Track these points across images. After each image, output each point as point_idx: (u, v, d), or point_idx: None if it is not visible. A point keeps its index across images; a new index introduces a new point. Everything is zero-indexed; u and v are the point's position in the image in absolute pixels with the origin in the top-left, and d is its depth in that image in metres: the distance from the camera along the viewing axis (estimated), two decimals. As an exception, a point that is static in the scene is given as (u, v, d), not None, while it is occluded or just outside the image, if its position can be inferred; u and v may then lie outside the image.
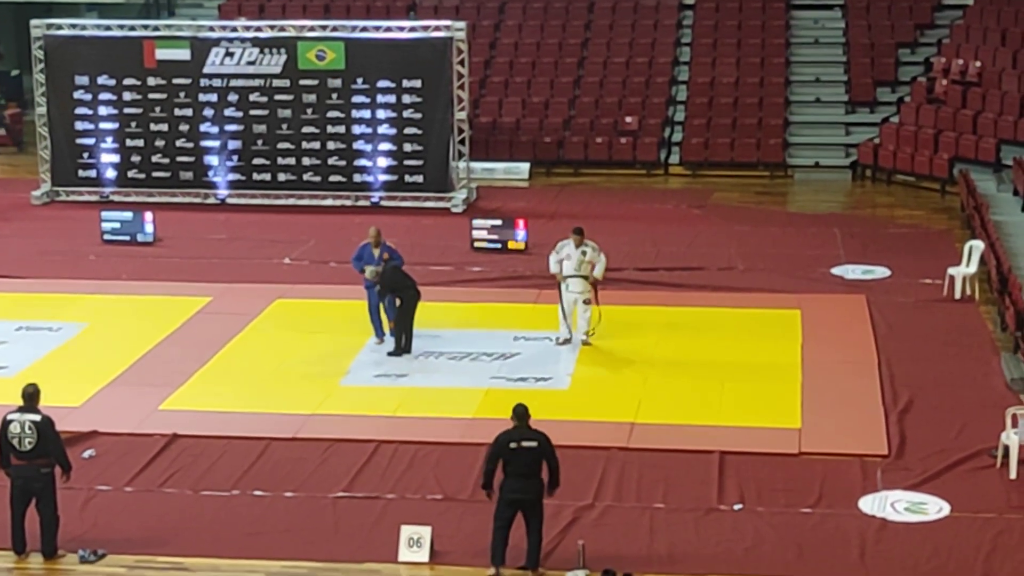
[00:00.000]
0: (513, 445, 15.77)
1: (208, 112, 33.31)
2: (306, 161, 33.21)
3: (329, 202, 33.13)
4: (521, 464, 15.75)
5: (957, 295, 25.44)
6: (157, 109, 33.43)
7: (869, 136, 36.65)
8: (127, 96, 33.47)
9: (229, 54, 33.11)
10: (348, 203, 33.07)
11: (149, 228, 29.79)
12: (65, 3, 44.33)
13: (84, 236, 30.00)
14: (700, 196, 34.26)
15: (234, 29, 33.67)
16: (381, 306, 23.15)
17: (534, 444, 15.78)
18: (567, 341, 23.17)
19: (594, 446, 19.09)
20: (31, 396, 16.36)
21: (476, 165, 34.80)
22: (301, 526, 17.07)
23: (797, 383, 21.49)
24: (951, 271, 25.75)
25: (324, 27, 33.60)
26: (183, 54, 33.23)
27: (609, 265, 23.61)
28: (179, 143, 33.48)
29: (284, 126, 33.17)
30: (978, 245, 26.06)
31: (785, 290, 26.11)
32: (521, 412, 15.98)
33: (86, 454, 18.90)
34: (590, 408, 20.63)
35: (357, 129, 33.02)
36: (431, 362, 22.61)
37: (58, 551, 16.32)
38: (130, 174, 33.67)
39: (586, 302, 22.99)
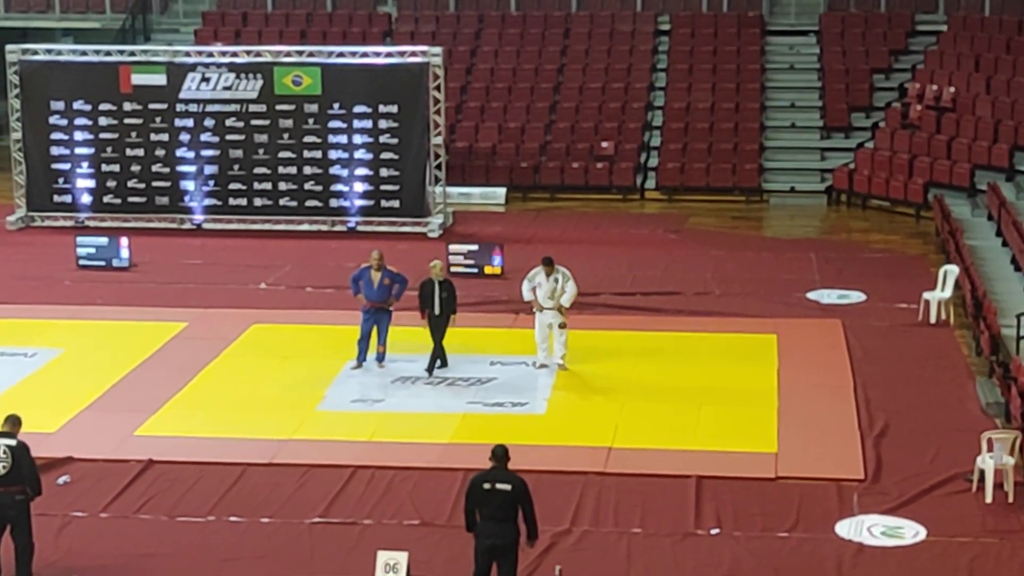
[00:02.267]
0: (487, 486, 15.13)
1: (184, 137, 33.30)
2: (282, 186, 33.21)
3: (305, 227, 33.12)
4: (494, 507, 15.11)
5: (932, 319, 25.52)
6: (133, 134, 33.41)
7: (844, 161, 36.79)
8: (103, 121, 33.44)
9: (205, 79, 33.10)
10: (324, 228, 33.07)
11: (124, 253, 29.73)
12: (40, 28, 44.32)
13: (59, 261, 29.93)
14: (676, 221, 34.34)
15: (210, 54, 33.68)
16: (373, 332, 23.12)
17: (507, 488, 15.09)
18: (544, 366, 23.17)
19: (571, 471, 19.06)
20: (13, 423, 16.25)
21: (452, 190, 34.83)
22: (277, 552, 17.02)
23: (773, 407, 21.51)
24: (926, 295, 25.83)
25: (300, 52, 33.63)
26: (159, 79, 33.22)
27: (586, 289, 23.64)
28: (155, 168, 33.45)
29: (260, 151, 33.17)
30: (953, 270, 26.14)
31: (761, 315, 26.17)
32: (500, 454, 15.23)
33: (61, 480, 18.81)
34: (567, 433, 20.62)
35: (333, 154, 33.04)
36: (407, 387, 22.59)
37: (33, 578, 16.24)
38: (106, 199, 33.61)
39: (561, 326, 23.00)
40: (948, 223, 30.38)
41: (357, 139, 32.94)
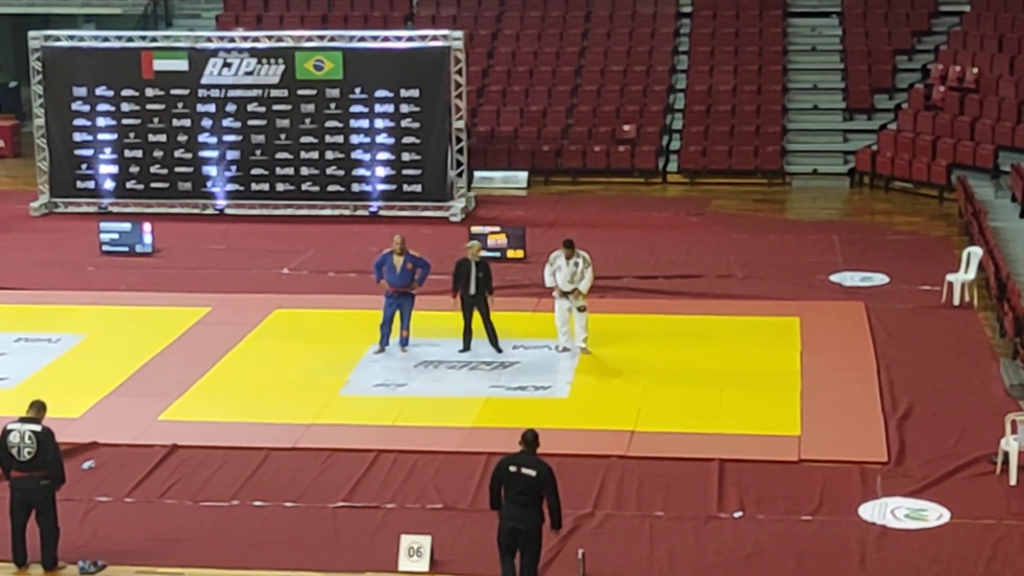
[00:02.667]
0: (512, 469, 15.23)
1: (206, 123, 33.35)
2: (304, 171, 33.25)
3: (328, 212, 33.16)
4: (518, 491, 15.20)
5: (956, 302, 25.45)
6: (155, 120, 33.48)
7: (867, 143, 36.70)
8: (125, 107, 33.51)
9: (227, 64, 33.14)
10: (347, 213, 33.10)
11: (148, 239, 29.81)
12: (63, 15, 44.42)
13: (83, 247, 30.01)
14: (698, 204, 34.29)
15: (232, 40, 33.70)
16: (396, 316, 23.20)
17: (532, 473, 15.16)
18: (566, 349, 23.18)
19: (594, 454, 19.07)
20: (38, 409, 16.35)
21: (475, 174, 34.81)
22: (301, 536, 17.06)
23: (796, 390, 21.48)
24: (949, 277, 25.76)
25: (322, 37, 33.64)
26: (181, 65, 33.26)
27: (608, 273, 23.65)
28: (177, 154, 33.51)
29: (282, 136, 33.20)
30: (976, 251, 26.07)
31: (784, 297, 26.12)
32: (530, 439, 15.33)
33: (86, 465, 18.89)
34: (589, 416, 20.62)
35: (355, 139, 33.06)
36: (430, 371, 22.61)
37: (58, 563, 16.30)
38: (128, 185, 33.70)
39: (580, 309, 22.99)
40: (971, 204, 30.29)
41: (379, 123, 32.95)
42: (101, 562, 16.37)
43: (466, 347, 23.20)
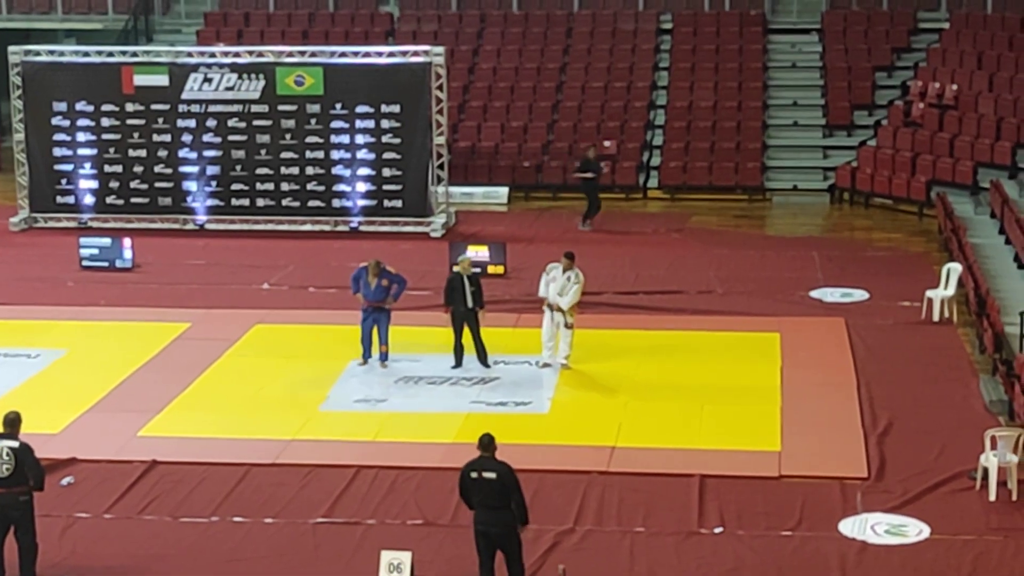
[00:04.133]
0: (474, 475, 15.49)
1: (187, 138, 33.31)
2: (285, 186, 33.22)
3: (308, 227, 33.14)
4: (483, 495, 15.45)
5: (935, 317, 25.51)
6: (135, 135, 33.43)
7: (847, 159, 36.79)
8: (105, 122, 33.46)
9: (207, 80, 33.11)
10: (327, 228, 33.08)
11: (128, 254, 29.74)
12: (43, 29, 44.34)
13: (62, 262, 29.94)
14: (679, 220, 34.34)
15: (212, 55, 33.69)
16: (374, 331, 23.22)
17: (493, 475, 15.38)
18: (547, 365, 23.18)
19: (574, 470, 19.06)
20: (11, 423, 16.27)
21: (455, 190, 34.85)
22: (281, 552, 17.02)
23: (777, 406, 21.51)
24: (929, 293, 25.83)
25: (303, 52, 33.63)
26: (161, 80, 33.24)
27: (589, 288, 23.65)
28: (158, 169, 33.47)
29: (263, 151, 33.18)
30: (956, 267, 26.13)
31: (764, 313, 26.16)
32: (486, 442, 15.61)
33: (65, 481, 18.82)
34: (570, 432, 20.62)
35: (336, 154, 33.05)
36: (411, 387, 22.59)
37: (37, 579, 16.25)
38: (108, 200, 33.64)
39: (567, 326, 23.01)
40: (951, 221, 30.37)
41: (359, 139, 32.95)
42: (80, 578, 16.33)
43: (458, 363, 23.16)
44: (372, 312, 23.23)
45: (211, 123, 33.20)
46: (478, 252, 28.29)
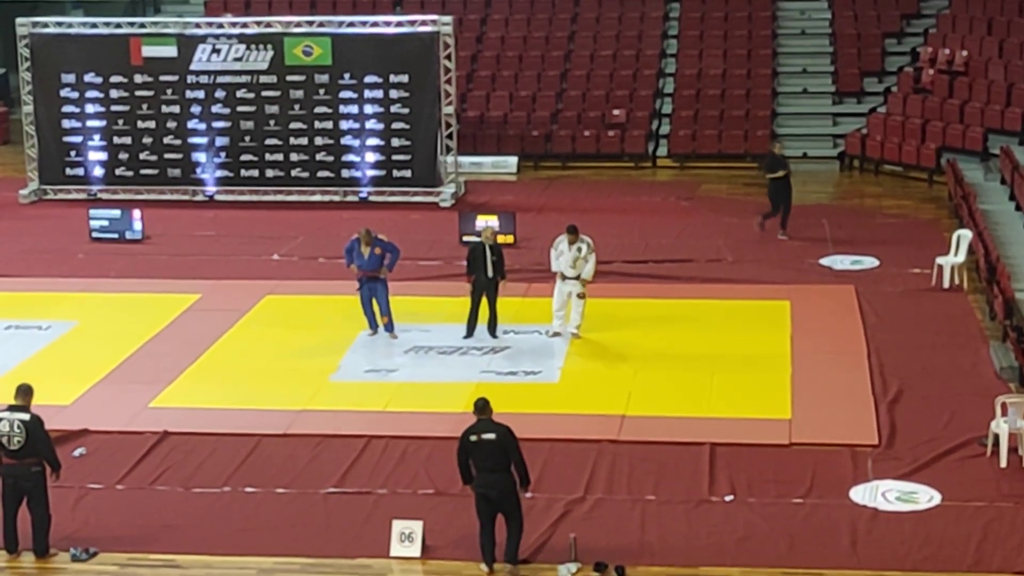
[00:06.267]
0: (473, 438, 15.77)
1: (195, 109, 33.29)
2: (294, 157, 33.21)
3: (317, 198, 33.13)
4: (484, 458, 15.71)
5: (946, 284, 25.48)
6: (144, 106, 33.42)
7: (856, 126, 36.69)
8: (114, 94, 33.45)
9: (216, 51, 33.08)
10: (336, 199, 33.08)
11: (137, 225, 29.76)
12: (51, 1, 44.25)
13: (72, 234, 29.97)
14: (688, 188, 34.29)
15: (220, 26, 33.64)
16: (373, 300, 23.21)
17: (492, 436, 15.70)
18: (557, 334, 23.19)
19: (584, 439, 19.10)
20: (23, 394, 16.34)
21: (464, 159, 34.80)
22: (292, 522, 17.07)
23: (787, 374, 21.51)
24: (939, 260, 25.79)
25: (311, 23, 33.59)
26: (170, 51, 33.21)
27: (599, 258, 23.60)
28: (167, 140, 33.47)
29: (271, 122, 33.16)
30: (966, 234, 26.09)
31: (774, 281, 26.14)
32: (481, 405, 15.96)
33: (76, 452, 18.88)
34: (580, 401, 20.64)
35: (344, 124, 33.02)
36: (421, 356, 22.61)
37: (50, 550, 16.31)
38: (118, 172, 33.65)
39: (580, 296, 23.01)
40: (961, 187, 30.30)
41: (368, 109, 32.91)
42: (93, 549, 16.39)
43: (469, 333, 23.16)
44: (368, 282, 23.23)
45: (220, 94, 33.17)
46: (488, 221, 28.26)
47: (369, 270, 23.18)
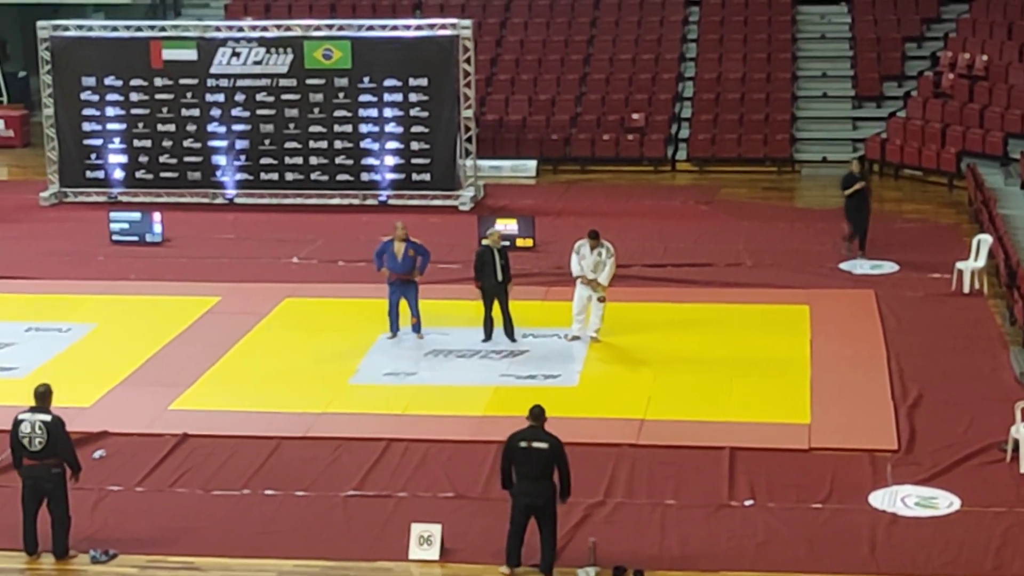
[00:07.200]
0: (523, 444, 15.70)
1: (215, 112, 33.36)
2: (313, 160, 33.26)
3: (336, 201, 33.17)
4: (530, 465, 15.65)
5: (966, 289, 25.43)
6: (164, 110, 33.49)
7: (876, 131, 36.66)
8: (134, 97, 33.53)
9: (236, 54, 33.15)
10: (355, 202, 33.11)
11: (157, 228, 29.84)
12: (71, 4, 44.36)
13: (93, 237, 30.05)
14: (707, 192, 34.27)
15: (240, 29, 33.72)
16: (400, 304, 23.24)
17: (544, 446, 15.64)
18: (576, 338, 23.19)
19: (604, 443, 19.09)
20: (43, 396, 16.39)
21: (483, 163, 34.85)
22: (312, 525, 17.09)
23: (806, 378, 21.48)
24: (959, 265, 25.74)
25: (330, 26, 33.64)
26: (190, 54, 33.28)
27: (618, 262, 23.60)
28: (186, 143, 33.54)
29: (291, 126, 33.21)
30: (986, 239, 26.05)
31: (793, 285, 26.12)
32: (537, 413, 15.88)
33: (97, 454, 18.92)
34: (599, 405, 20.64)
35: (364, 128, 33.06)
36: (440, 360, 22.63)
37: (70, 551, 16.34)
38: (138, 175, 33.73)
39: (600, 299, 23.02)
40: (981, 192, 30.24)
41: (387, 113, 32.95)
42: (112, 551, 16.42)
43: (487, 337, 23.16)
44: (400, 285, 23.22)
45: (240, 97, 33.24)
46: (507, 225, 28.29)
47: (402, 272, 23.19)
